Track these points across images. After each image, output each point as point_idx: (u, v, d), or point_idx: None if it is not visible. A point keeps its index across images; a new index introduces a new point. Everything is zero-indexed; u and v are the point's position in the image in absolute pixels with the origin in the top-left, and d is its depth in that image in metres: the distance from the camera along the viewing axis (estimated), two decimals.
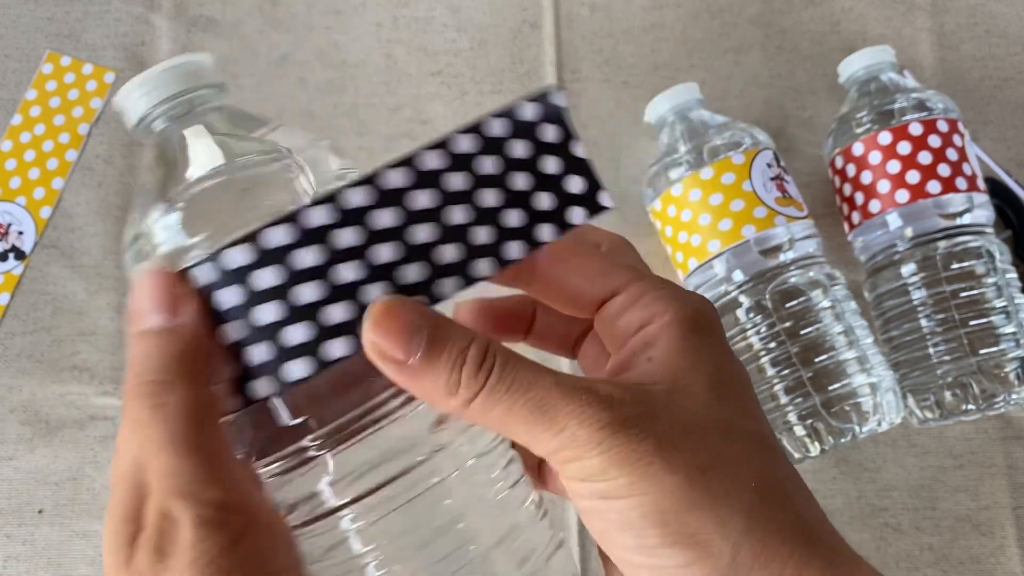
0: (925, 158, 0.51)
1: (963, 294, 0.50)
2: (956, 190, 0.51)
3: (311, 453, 0.27)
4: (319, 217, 0.24)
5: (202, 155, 0.27)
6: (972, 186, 0.51)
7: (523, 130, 0.26)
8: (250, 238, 0.23)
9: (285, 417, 0.26)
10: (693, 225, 0.51)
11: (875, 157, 0.52)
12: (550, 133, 0.26)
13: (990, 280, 0.50)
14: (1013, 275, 0.51)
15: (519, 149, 0.26)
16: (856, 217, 0.53)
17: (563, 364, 0.56)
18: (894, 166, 0.51)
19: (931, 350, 0.50)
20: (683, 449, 0.24)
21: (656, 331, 0.26)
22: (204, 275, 0.23)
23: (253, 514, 0.23)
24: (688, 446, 0.24)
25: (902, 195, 0.51)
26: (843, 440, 0.48)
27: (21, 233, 0.59)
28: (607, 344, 0.29)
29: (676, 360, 0.26)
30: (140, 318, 0.25)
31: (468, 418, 0.25)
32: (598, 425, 0.23)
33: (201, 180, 0.26)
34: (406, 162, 0.25)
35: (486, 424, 0.25)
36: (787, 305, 0.49)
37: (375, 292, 0.24)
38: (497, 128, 0.26)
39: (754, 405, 0.27)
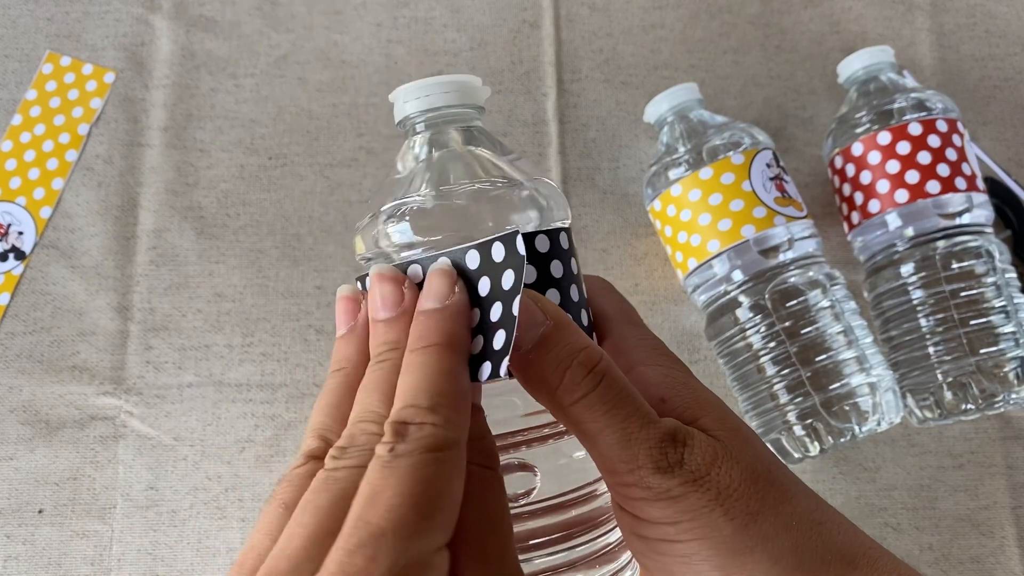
0: (924, 158, 0.51)
1: (962, 294, 0.50)
2: (955, 190, 0.51)
3: None
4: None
5: (440, 169, 0.31)
6: (971, 186, 0.51)
7: (490, 270, 0.27)
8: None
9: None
10: (693, 225, 0.51)
11: (874, 157, 0.52)
12: (507, 280, 0.27)
13: (989, 280, 0.50)
14: (1012, 275, 0.51)
15: (483, 286, 0.27)
16: (855, 217, 0.53)
17: None
18: (893, 166, 0.51)
19: (930, 350, 0.50)
20: (737, 497, 0.26)
21: (653, 374, 0.29)
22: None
23: None
24: (742, 494, 0.26)
25: (901, 195, 0.51)
26: (842, 440, 0.48)
27: (21, 233, 0.59)
28: None
29: (691, 403, 0.29)
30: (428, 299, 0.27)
31: (563, 419, 0.27)
32: (674, 481, 0.26)
33: (430, 194, 0.30)
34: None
35: (575, 431, 0.27)
36: (786, 305, 0.49)
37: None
38: (471, 261, 0.27)
39: (765, 445, 0.29)
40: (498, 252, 0.27)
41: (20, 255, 0.58)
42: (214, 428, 0.55)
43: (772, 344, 0.49)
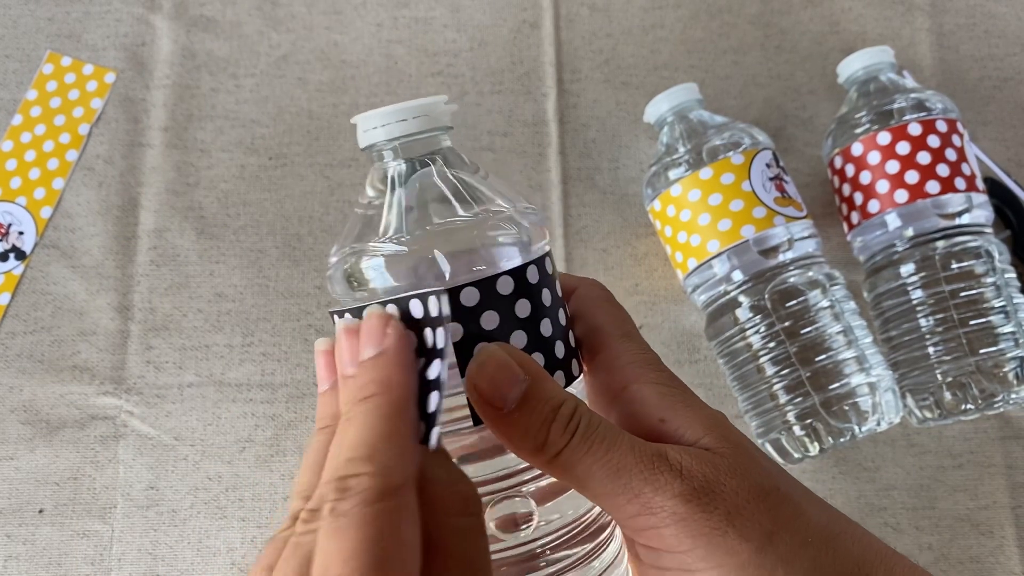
0: (924, 158, 0.51)
1: (962, 294, 0.50)
2: (955, 190, 0.51)
3: None
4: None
5: (414, 205, 0.30)
6: (971, 186, 0.51)
7: (416, 328, 0.26)
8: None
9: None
10: (692, 225, 0.51)
11: (874, 157, 0.52)
12: (429, 339, 0.26)
13: (989, 280, 0.50)
14: (1012, 275, 0.51)
15: (427, 338, 0.26)
16: (855, 217, 0.53)
17: None
18: (893, 166, 0.51)
19: (930, 350, 0.50)
20: (748, 515, 0.25)
21: (650, 393, 0.29)
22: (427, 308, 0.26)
23: None
24: (752, 511, 0.25)
25: (901, 195, 0.51)
26: (842, 440, 0.48)
27: (22, 233, 0.59)
28: (595, 395, 0.31)
29: (692, 422, 0.28)
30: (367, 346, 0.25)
31: (550, 472, 0.26)
32: (671, 493, 0.25)
33: (403, 235, 0.29)
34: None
35: (565, 480, 0.26)
36: (786, 305, 0.49)
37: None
38: (415, 310, 0.26)
39: (771, 459, 0.28)
40: (417, 308, 0.25)
41: (20, 255, 0.59)
42: (214, 428, 0.55)
43: (772, 344, 0.49)
